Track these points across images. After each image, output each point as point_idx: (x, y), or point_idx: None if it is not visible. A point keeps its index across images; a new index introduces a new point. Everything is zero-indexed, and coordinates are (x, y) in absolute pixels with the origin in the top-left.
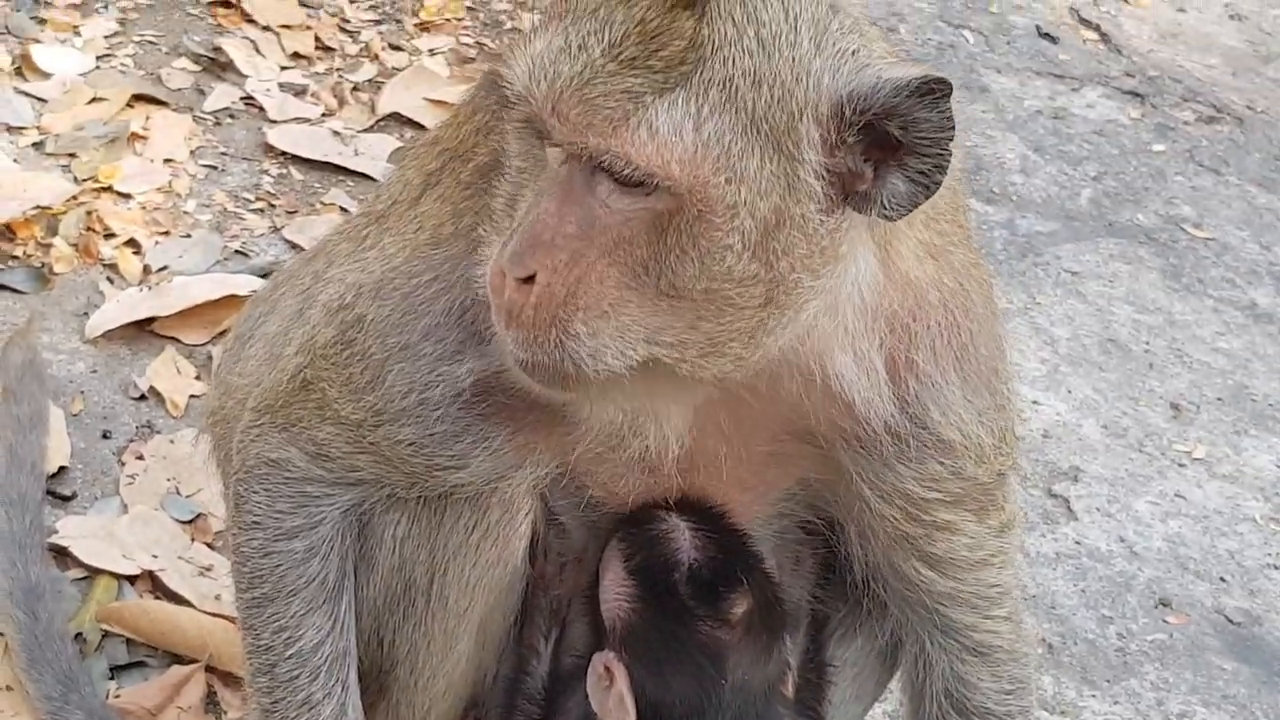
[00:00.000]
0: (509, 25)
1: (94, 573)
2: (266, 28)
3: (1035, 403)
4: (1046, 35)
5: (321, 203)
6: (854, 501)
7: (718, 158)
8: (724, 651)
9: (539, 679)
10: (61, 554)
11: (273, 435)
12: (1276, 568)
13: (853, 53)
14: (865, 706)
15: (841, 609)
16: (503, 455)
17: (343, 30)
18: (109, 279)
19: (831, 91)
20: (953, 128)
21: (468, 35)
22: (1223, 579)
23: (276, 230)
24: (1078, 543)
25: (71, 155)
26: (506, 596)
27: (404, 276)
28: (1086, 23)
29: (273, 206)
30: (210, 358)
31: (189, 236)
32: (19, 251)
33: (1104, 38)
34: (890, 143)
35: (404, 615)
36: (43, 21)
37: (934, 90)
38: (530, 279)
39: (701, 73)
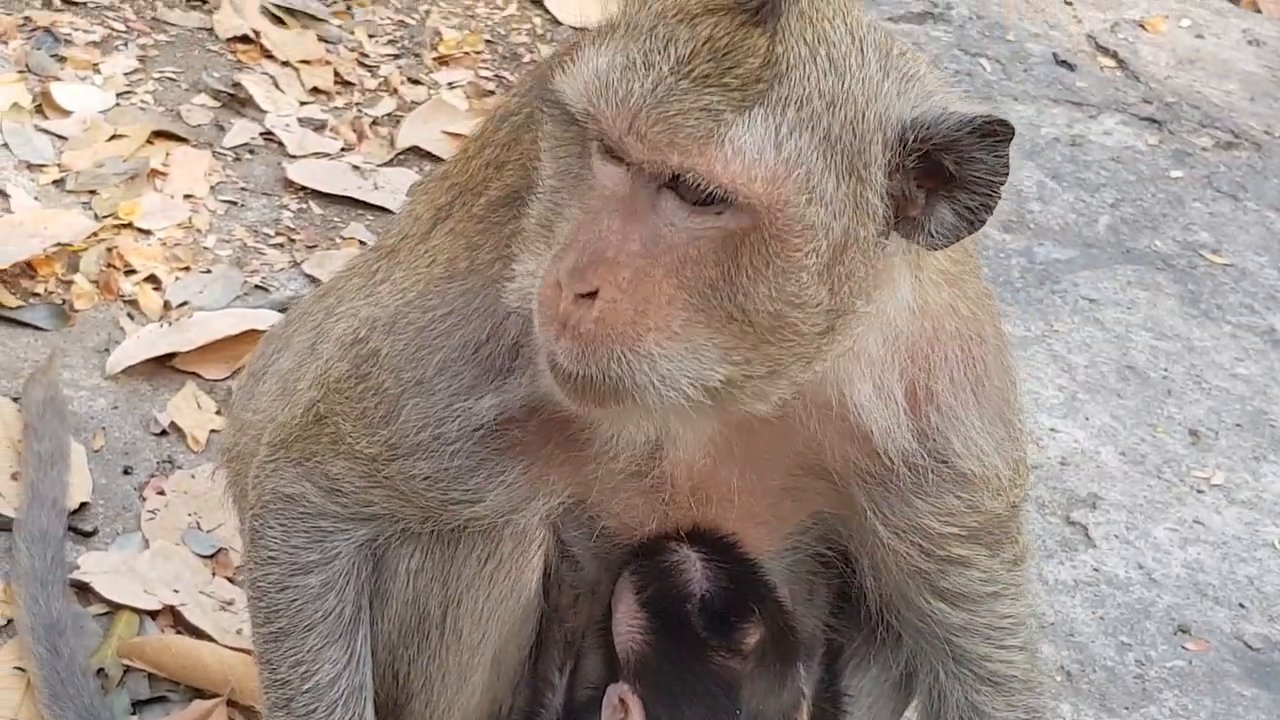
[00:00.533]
0: (528, 58)
1: (115, 608)
2: (286, 63)
3: (1053, 430)
4: (1064, 63)
5: (341, 237)
6: (867, 536)
7: (799, 177)
8: (738, 681)
9: (554, 711)
10: (83, 590)
11: (287, 470)
12: None
13: (919, 78)
14: None
15: (856, 638)
16: (517, 488)
17: (362, 65)
18: (129, 315)
19: (899, 115)
20: (1007, 171)
21: (486, 69)
22: (1242, 605)
23: (296, 265)
24: (1096, 570)
25: (92, 192)
26: (520, 628)
27: (418, 310)
28: (1104, 50)
29: (292, 241)
30: (231, 393)
31: (209, 272)
32: (40, 289)
33: (1121, 64)
34: (943, 173)
35: (418, 648)
36: (63, 60)
37: (996, 133)
38: (590, 295)
39: (778, 91)
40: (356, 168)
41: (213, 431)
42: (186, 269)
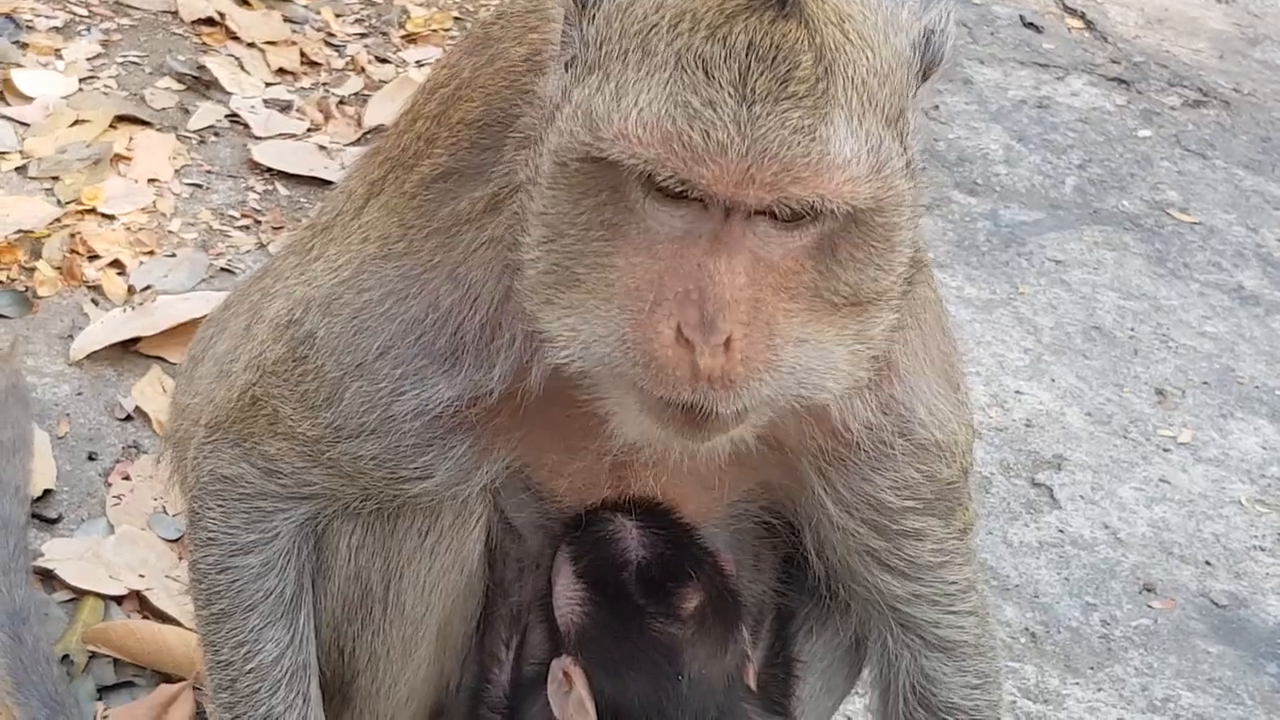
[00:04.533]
0: None
1: (80, 594)
2: (251, 44)
3: (1019, 392)
4: (1031, 25)
5: (307, 218)
6: (814, 511)
7: (886, 161)
8: (679, 646)
9: (501, 687)
10: (48, 577)
11: (225, 451)
12: (1262, 549)
13: (905, 17)
14: (836, 700)
15: (807, 603)
16: (465, 460)
17: (328, 45)
18: (93, 300)
19: (912, 62)
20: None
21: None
22: (1208, 563)
23: (262, 247)
24: (1061, 531)
25: (55, 178)
26: (464, 601)
27: (353, 291)
28: (1072, 10)
29: (258, 223)
30: None
31: (174, 256)
32: (2, 276)
33: (1089, 25)
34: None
35: (362, 624)
36: (25, 46)
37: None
38: (725, 342)
39: (838, 83)
40: (323, 148)
41: None
42: (151, 253)
